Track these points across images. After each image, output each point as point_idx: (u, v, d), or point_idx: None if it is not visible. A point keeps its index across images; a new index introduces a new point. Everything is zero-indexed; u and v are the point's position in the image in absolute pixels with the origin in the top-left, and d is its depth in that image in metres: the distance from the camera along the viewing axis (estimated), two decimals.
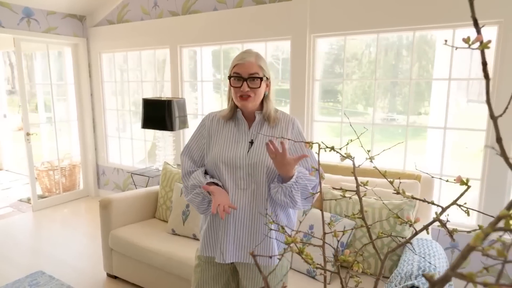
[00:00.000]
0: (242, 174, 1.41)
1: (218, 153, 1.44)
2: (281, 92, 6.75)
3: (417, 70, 5.70)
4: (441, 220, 0.86)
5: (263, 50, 3.36)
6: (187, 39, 3.69)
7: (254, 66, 1.38)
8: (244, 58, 1.39)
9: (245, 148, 1.43)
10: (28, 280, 2.76)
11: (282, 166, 1.29)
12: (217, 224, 1.46)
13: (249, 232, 1.43)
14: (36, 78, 5.83)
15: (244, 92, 1.38)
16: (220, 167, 1.43)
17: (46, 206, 4.47)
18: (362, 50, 5.16)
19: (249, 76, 1.37)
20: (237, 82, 1.39)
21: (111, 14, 4.33)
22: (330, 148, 1.15)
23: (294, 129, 1.48)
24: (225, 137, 1.47)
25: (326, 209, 2.27)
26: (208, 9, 3.55)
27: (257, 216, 1.42)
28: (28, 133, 4.19)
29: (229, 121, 1.50)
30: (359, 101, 9.12)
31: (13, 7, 3.84)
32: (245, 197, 1.41)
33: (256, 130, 1.46)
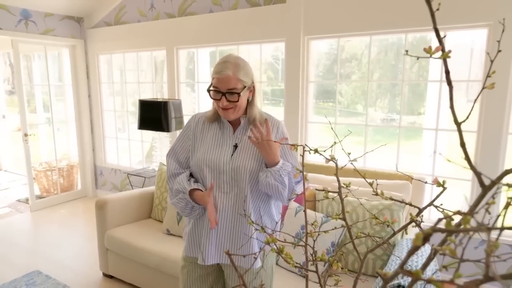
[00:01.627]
0: (226, 178, 1.42)
1: (202, 157, 1.45)
2: (281, 92, 6.77)
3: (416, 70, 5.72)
4: (416, 221, 0.89)
5: (258, 52, 3.39)
6: (184, 41, 3.72)
7: (232, 81, 1.35)
8: (221, 71, 1.35)
9: (229, 152, 1.44)
10: (25, 279, 2.79)
11: (269, 148, 1.33)
12: (200, 226, 1.49)
13: (230, 234, 1.44)
14: (34, 79, 5.86)
15: (223, 106, 1.38)
16: (204, 171, 1.44)
17: (44, 207, 4.50)
18: (362, 50, 5.21)
19: (227, 91, 1.36)
20: (216, 94, 1.39)
21: (108, 16, 4.36)
22: (314, 150, 1.18)
23: (279, 132, 1.49)
24: (209, 140, 1.48)
25: (319, 209, 2.30)
26: (204, 11, 3.58)
27: (239, 218, 1.43)
28: (26, 134, 4.22)
29: (214, 123, 1.50)
30: (359, 101, 9.12)
31: (10, 9, 3.87)
32: (227, 201, 1.43)
33: (241, 134, 1.47)
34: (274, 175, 1.35)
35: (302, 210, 2.24)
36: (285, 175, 1.37)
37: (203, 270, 1.54)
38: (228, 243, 1.45)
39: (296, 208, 2.27)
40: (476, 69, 2.98)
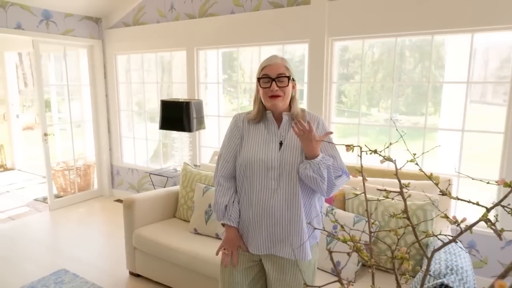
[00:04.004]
0: (273, 174, 1.46)
1: (250, 154, 1.50)
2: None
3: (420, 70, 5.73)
4: (489, 220, 0.91)
5: (280, 53, 3.41)
6: (204, 42, 3.75)
7: (281, 67, 1.47)
8: (271, 60, 1.49)
9: (276, 149, 1.49)
10: (53, 278, 2.82)
11: (309, 142, 1.37)
12: (247, 219, 1.53)
13: (282, 229, 1.48)
14: (50, 79, 5.90)
15: (273, 92, 1.45)
16: (252, 168, 1.49)
17: (62, 206, 4.53)
18: (365, 51, 5.26)
19: (277, 76, 1.45)
20: (266, 83, 1.47)
21: (127, 17, 4.40)
22: (373, 151, 1.20)
23: (319, 127, 1.53)
24: (255, 138, 1.53)
25: (348, 209, 2.31)
26: (225, 12, 3.61)
27: (287, 214, 1.47)
28: (45, 134, 4.26)
29: (258, 123, 1.56)
30: (363, 101, 9.19)
31: (32, 9, 3.91)
32: (275, 197, 1.46)
33: (285, 131, 1.52)
34: (313, 168, 1.39)
35: (333, 209, 2.26)
36: (324, 168, 1.40)
37: (247, 262, 1.59)
38: (279, 237, 1.48)
39: (327, 208, 2.29)
40: (479, 70, 2.98)
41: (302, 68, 4.79)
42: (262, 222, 1.48)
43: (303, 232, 1.47)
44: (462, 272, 1.61)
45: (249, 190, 1.51)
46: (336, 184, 1.46)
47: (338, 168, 1.48)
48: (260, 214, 1.48)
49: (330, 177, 1.44)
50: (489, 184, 1.11)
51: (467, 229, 0.91)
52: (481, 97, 4.33)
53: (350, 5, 2.89)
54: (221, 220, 1.57)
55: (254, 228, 1.50)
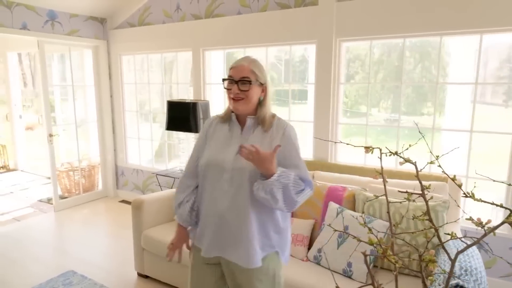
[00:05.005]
0: (227, 177, 1.45)
1: (208, 155, 1.51)
2: (284, 92, 6.78)
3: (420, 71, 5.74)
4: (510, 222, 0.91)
5: (288, 54, 3.41)
6: (210, 42, 3.75)
7: (246, 70, 1.44)
8: (239, 62, 1.48)
9: (234, 152, 1.47)
10: (61, 279, 2.82)
11: (260, 163, 1.32)
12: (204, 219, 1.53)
13: (229, 233, 1.45)
14: (53, 80, 5.89)
15: (235, 95, 1.44)
16: (209, 169, 1.49)
17: (67, 207, 4.53)
18: (366, 51, 5.29)
19: (240, 79, 1.44)
20: (230, 84, 1.46)
21: (132, 17, 4.39)
22: (393, 153, 1.21)
23: (285, 135, 1.47)
24: (218, 140, 1.53)
25: (359, 209, 2.32)
26: (232, 13, 3.61)
27: (237, 219, 1.44)
28: (50, 134, 4.25)
29: (225, 124, 1.56)
30: (362, 101, 9.22)
31: (38, 10, 3.90)
32: (227, 199, 1.45)
33: (248, 134, 1.50)
34: (265, 188, 1.34)
35: (344, 210, 2.27)
36: (278, 189, 1.34)
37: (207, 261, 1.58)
38: (226, 242, 1.47)
39: (337, 209, 2.29)
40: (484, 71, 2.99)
41: (302, 68, 4.80)
42: (214, 223, 1.47)
43: (250, 239, 1.42)
44: (477, 273, 1.61)
45: (206, 191, 1.51)
46: (297, 201, 1.40)
47: (300, 182, 1.41)
48: (212, 215, 1.48)
49: (289, 195, 1.37)
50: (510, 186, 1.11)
51: (491, 231, 0.91)
52: (480, 97, 4.34)
53: (358, 6, 2.89)
54: (175, 217, 1.63)
55: (207, 228, 1.50)
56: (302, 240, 2.35)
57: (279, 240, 1.52)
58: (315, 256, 2.25)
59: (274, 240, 1.50)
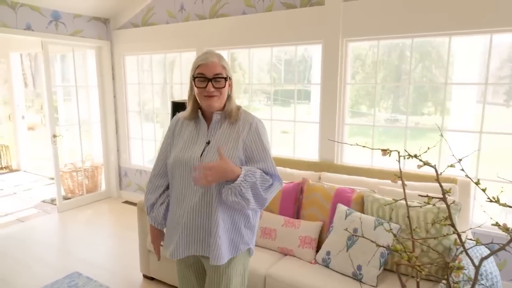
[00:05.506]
0: (195, 175, 1.42)
1: (176, 154, 1.48)
2: (285, 92, 6.74)
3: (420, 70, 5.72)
4: None
5: (288, 54, 3.39)
6: (215, 42, 3.73)
7: (218, 67, 1.41)
8: (207, 58, 1.41)
9: (200, 149, 1.45)
10: (67, 281, 2.80)
11: (222, 174, 1.31)
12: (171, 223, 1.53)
13: (198, 231, 1.45)
14: (56, 80, 5.87)
15: (209, 93, 1.40)
16: (176, 168, 1.47)
17: (71, 208, 4.51)
18: (366, 51, 5.27)
19: (214, 76, 1.40)
20: (201, 82, 1.41)
21: (135, 17, 4.37)
22: (412, 156, 1.18)
23: (252, 129, 1.46)
24: (185, 138, 1.51)
25: (368, 212, 2.29)
26: (236, 13, 3.59)
27: (206, 216, 1.43)
28: (54, 135, 4.23)
29: (191, 121, 1.53)
30: (363, 101, 9.22)
31: (42, 10, 3.88)
32: (195, 198, 1.43)
33: (214, 130, 1.48)
34: (234, 191, 1.33)
35: (352, 212, 2.24)
36: (246, 189, 1.34)
37: (186, 261, 1.60)
38: (197, 240, 1.46)
39: (346, 211, 2.27)
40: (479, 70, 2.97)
41: (302, 68, 4.78)
42: (182, 221, 1.45)
43: (221, 235, 1.42)
44: (492, 278, 1.59)
45: (175, 190, 1.50)
46: (266, 197, 1.41)
47: (267, 177, 1.41)
48: (182, 213, 1.46)
49: (258, 193, 1.38)
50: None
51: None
52: (480, 97, 4.33)
53: (365, 5, 2.87)
54: (148, 218, 1.62)
55: (175, 228, 1.48)
56: (310, 242, 2.33)
57: (251, 236, 1.53)
58: (323, 258, 2.23)
59: (246, 236, 1.50)
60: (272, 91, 3.74)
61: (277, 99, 6.89)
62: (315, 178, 2.81)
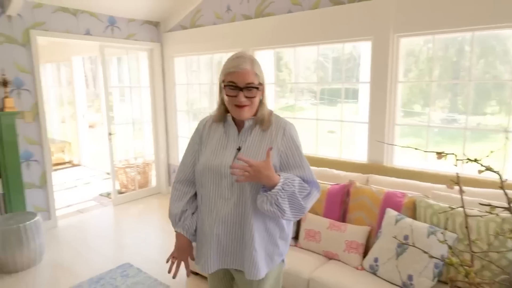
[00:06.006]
0: (227, 183, 1.35)
1: (205, 160, 1.40)
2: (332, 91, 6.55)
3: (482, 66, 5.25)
4: None
5: (335, 51, 3.29)
6: (260, 42, 3.73)
7: (250, 75, 1.30)
8: (239, 65, 1.30)
9: (231, 156, 1.36)
10: (119, 271, 2.97)
11: (259, 175, 1.22)
12: (202, 234, 1.43)
13: (232, 243, 1.38)
14: (112, 82, 6.24)
15: (240, 103, 1.30)
16: (206, 175, 1.39)
17: (124, 201, 4.78)
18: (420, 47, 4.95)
19: (246, 85, 1.30)
20: (232, 91, 1.31)
21: (184, 20, 4.51)
22: (472, 160, 1.08)
23: (286, 135, 1.37)
24: (214, 143, 1.42)
25: (421, 218, 2.16)
26: (282, 12, 3.56)
27: (240, 227, 1.36)
28: (110, 133, 4.50)
29: (220, 125, 1.45)
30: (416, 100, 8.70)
31: (100, 16, 4.14)
32: (228, 207, 1.35)
33: (246, 136, 1.39)
34: (271, 200, 1.25)
35: (403, 218, 2.13)
36: (284, 199, 1.26)
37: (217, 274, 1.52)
38: (230, 252, 1.39)
39: (396, 217, 2.16)
40: None
41: (350, 66, 4.61)
42: (214, 232, 1.36)
43: (257, 249, 1.34)
44: None
45: (205, 198, 1.40)
46: (305, 206, 1.32)
47: (305, 186, 1.33)
48: (213, 224, 1.37)
49: (295, 202, 1.29)
50: None
51: None
52: None
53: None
54: (175, 228, 1.47)
55: (206, 239, 1.39)
56: (356, 247, 2.25)
57: (285, 247, 1.46)
58: (371, 265, 2.14)
59: (282, 247, 1.43)
60: (318, 90, 3.67)
61: (324, 98, 6.75)
62: (362, 181, 2.70)
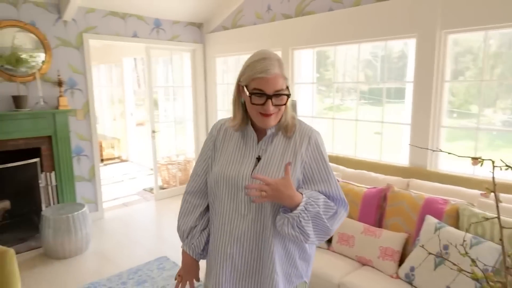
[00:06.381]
0: (244, 197, 1.20)
1: (220, 170, 1.24)
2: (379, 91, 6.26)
3: None
4: None
5: (383, 50, 3.16)
6: (300, 41, 3.69)
7: (279, 80, 1.14)
8: (268, 69, 1.12)
9: (250, 166, 1.21)
10: (156, 263, 3.09)
11: (279, 195, 1.09)
12: (214, 249, 1.27)
13: (248, 265, 1.23)
14: (157, 81, 6.52)
15: (269, 111, 1.15)
16: (220, 187, 1.24)
17: (165, 197, 4.97)
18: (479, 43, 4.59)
19: (275, 93, 1.13)
20: (259, 99, 1.14)
21: (226, 20, 4.59)
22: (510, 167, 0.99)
23: (311, 144, 1.22)
24: (230, 151, 1.27)
25: (463, 227, 2.01)
26: (322, 10, 3.49)
27: (258, 247, 1.21)
28: (153, 131, 4.70)
29: (236, 131, 1.28)
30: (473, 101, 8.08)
31: (146, 19, 4.34)
32: (244, 224, 1.20)
33: (266, 145, 1.23)
34: (292, 223, 1.11)
35: (444, 227, 1.99)
36: (307, 221, 1.12)
37: None
38: (246, 275, 1.23)
39: (436, 224, 2.02)
40: None
41: (401, 65, 4.38)
42: (228, 252, 1.21)
43: (277, 270, 1.20)
44: None
45: (218, 212, 1.25)
46: (331, 228, 1.17)
47: (331, 205, 1.18)
48: (227, 242, 1.22)
49: (320, 223, 1.15)
50: None
51: None
52: None
53: None
54: (182, 245, 1.34)
55: (219, 259, 1.24)
56: (392, 254, 2.14)
57: (306, 269, 1.30)
58: (406, 274, 2.03)
59: (302, 269, 1.28)
60: (358, 90, 3.55)
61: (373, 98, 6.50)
62: (402, 185, 2.57)
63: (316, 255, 2.34)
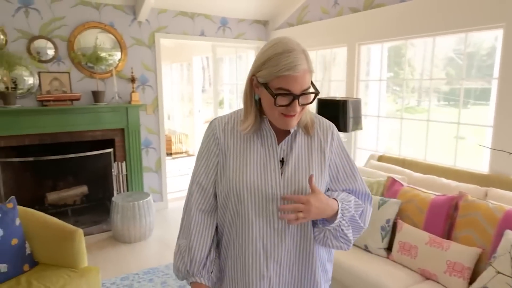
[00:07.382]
0: (275, 208, 1.03)
1: (241, 180, 1.04)
2: (465, 91, 5.65)
3: None
4: None
5: (471, 45, 2.84)
6: (367, 36, 3.49)
7: (307, 77, 0.97)
8: (296, 65, 0.94)
9: (276, 172, 1.04)
10: None
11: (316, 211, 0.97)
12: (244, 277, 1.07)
13: (288, 284, 1.09)
14: (224, 79, 6.70)
15: (294, 112, 0.99)
16: (245, 200, 1.03)
17: None
18: None
19: (303, 92, 0.97)
20: (284, 98, 0.97)
21: (291, 17, 4.53)
22: None
23: (334, 139, 1.11)
24: (247, 156, 1.06)
25: None
26: (393, 2, 3.25)
27: (299, 263, 1.08)
28: None
29: (249, 133, 1.09)
30: None
31: (213, 18, 4.48)
32: (283, 242, 1.04)
33: (287, 145, 1.08)
34: (335, 234, 1.05)
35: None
36: (348, 227, 1.06)
37: None
38: None
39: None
40: None
41: (491, 62, 3.87)
42: (265, 276, 1.04)
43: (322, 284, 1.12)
44: None
45: (243, 229, 1.05)
46: (363, 227, 1.12)
47: (360, 203, 1.11)
48: (262, 262, 1.04)
49: (356, 225, 1.09)
50: None
51: None
52: None
53: None
54: (193, 277, 1.07)
55: (250, 284, 1.05)
56: (461, 270, 1.91)
57: (331, 269, 1.22)
58: None
59: (330, 271, 1.20)
60: (432, 88, 3.24)
61: (454, 99, 5.95)
62: (479, 194, 2.28)
63: (374, 263, 2.19)
